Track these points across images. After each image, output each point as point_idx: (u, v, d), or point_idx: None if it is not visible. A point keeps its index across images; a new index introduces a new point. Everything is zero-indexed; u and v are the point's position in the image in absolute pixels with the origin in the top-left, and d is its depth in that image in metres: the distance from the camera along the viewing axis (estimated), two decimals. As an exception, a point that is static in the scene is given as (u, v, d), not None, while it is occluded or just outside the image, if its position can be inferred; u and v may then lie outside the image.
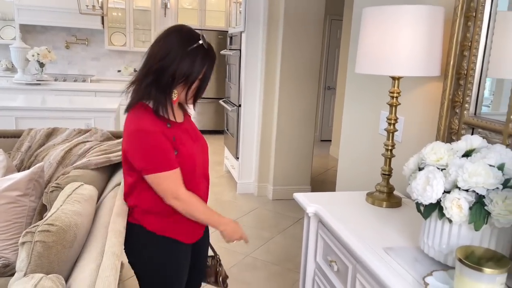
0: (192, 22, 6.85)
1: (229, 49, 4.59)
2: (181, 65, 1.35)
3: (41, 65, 5.04)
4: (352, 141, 2.34)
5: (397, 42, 1.44)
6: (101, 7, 6.32)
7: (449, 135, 1.49)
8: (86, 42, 6.93)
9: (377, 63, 1.51)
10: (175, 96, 1.39)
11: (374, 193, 1.69)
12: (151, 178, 1.37)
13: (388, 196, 1.66)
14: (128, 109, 1.42)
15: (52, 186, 1.78)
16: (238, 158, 4.25)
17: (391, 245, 1.29)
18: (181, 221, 1.47)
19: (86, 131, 2.54)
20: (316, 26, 3.92)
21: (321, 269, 1.61)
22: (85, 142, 2.35)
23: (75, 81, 6.36)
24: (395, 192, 1.70)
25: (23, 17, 6.26)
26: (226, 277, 1.76)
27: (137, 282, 1.54)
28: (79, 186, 1.63)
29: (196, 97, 1.46)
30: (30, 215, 1.89)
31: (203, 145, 1.58)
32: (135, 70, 7.15)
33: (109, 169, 2.07)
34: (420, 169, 1.19)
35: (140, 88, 1.39)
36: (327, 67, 6.77)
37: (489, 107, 1.47)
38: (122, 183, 1.57)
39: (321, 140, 6.88)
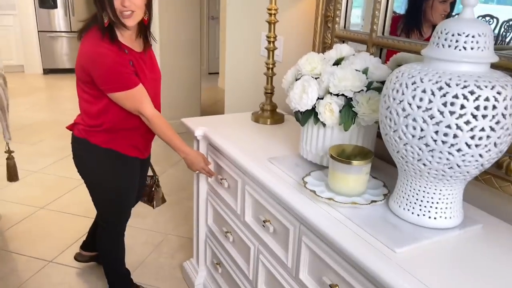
0: None
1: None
2: None
3: None
4: (236, 66, 2.35)
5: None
6: None
7: (323, 50, 1.58)
8: None
9: (254, -22, 1.48)
10: (105, 18, 1.36)
11: (259, 112, 1.75)
12: (114, 97, 1.42)
13: (271, 113, 1.73)
14: (80, 33, 1.42)
15: None
16: (121, 94, 4.00)
17: (275, 156, 1.37)
18: (129, 137, 1.54)
19: None
20: None
21: (213, 189, 1.66)
22: None
23: None
24: (278, 110, 1.78)
25: None
26: (162, 198, 1.89)
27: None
28: None
29: (113, 11, 1.34)
30: None
31: (156, 78, 1.60)
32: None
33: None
34: (297, 80, 1.25)
35: (93, 13, 1.40)
36: (209, -4, 6.53)
37: (361, 30, 1.56)
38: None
39: (209, 73, 6.81)
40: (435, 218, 0.96)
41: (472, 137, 0.81)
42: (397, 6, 1.34)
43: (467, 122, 0.80)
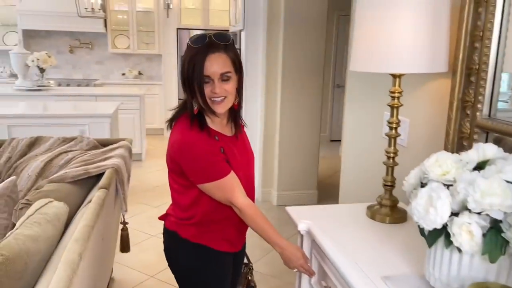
0: (195, 22, 6.72)
1: (231, 49, 4.42)
2: (180, 68, 1.31)
3: (42, 70, 4.96)
4: (354, 145, 2.14)
5: (396, 34, 1.25)
6: (103, 10, 6.21)
7: (460, 140, 1.29)
8: (90, 46, 6.85)
9: (373, 59, 1.31)
10: (195, 105, 1.31)
11: (376, 207, 1.50)
12: (204, 188, 1.33)
13: (391, 210, 1.46)
14: (171, 122, 1.38)
15: (21, 203, 1.64)
16: (241, 162, 4.07)
17: (391, 273, 1.10)
18: (221, 229, 1.42)
19: (72, 139, 2.40)
20: (318, 22, 3.71)
21: (315, 294, 1.42)
22: (68, 151, 2.21)
23: (78, 85, 6.28)
24: (399, 205, 1.50)
25: (26, 22, 6.21)
26: (254, 286, 1.71)
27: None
28: (47, 203, 1.48)
29: (202, 97, 1.28)
30: (2, 233, 1.75)
31: (249, 160, 1.50)
32: (139, 73, 7.07)
33: (89, 182, 1.92)
34: (423, 184, 0.99)
35: (183, 101, 1.38)
36: (336, 64, 6.54)
37: (507, 102, 1.27)
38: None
39: (331, 140, 6.66)
40: None
41: None
42: None
43: None
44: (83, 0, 5.53)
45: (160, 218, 1.54)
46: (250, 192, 1.49)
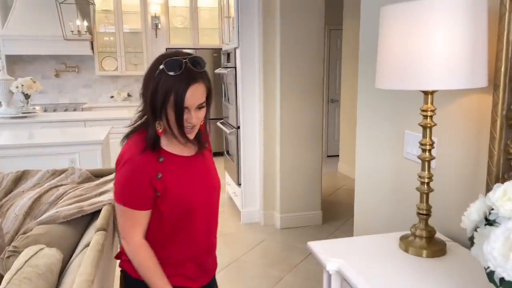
0: (184, 41, 6.60)
1: (224, 67, 4.29)
2: (148, 92, 1.21)
3: (26, 96, 4.76)
4: (370, 168, 1.99)
5: (428, 47, 1.11)
6: (89, 32, 6.07)
7: (507, 162, 1.15)
8: (77, 69, 6.67)
9: (403, 76, 1.17)
10: (159, 127, 1.23)
11: (410, 238, 1.34)
12: (116, 206, 1.28)
13: (428, 242, 1.30)
14: (126, 138, 1.31)
15: (8, 251, 1.44)
16: (240, 184, 3.90)
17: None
18: (174, 264, 1.29)
19: (62, 171, 2.21)
20: (316, 35, 3.61)
21: None
22: (58, 186, 2.02)
23: (65, 110, 6.07)
24: (436, 235, 1.34)
25: (9, 48, 6.01)
26: None
27: None
28: (37, 252, 1.29)
29: (180, 127, 1.22)
30: (-13, 285, 1.54)
31: (213, 186, 1.39)
32: (128, 95, 6.89)
33: (84, 220, 1.73)
34: (488, 221, 0.84)
35: (139, 116, 1.32)
36: (329, 79, 6.47)
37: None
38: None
39: (328, 156, 6.53)
40: None
41: None
42: None
43: None
44: (68, 23, 5.38)
45: (116, 257, 1.39)
46: (211, 221, 1.40)
